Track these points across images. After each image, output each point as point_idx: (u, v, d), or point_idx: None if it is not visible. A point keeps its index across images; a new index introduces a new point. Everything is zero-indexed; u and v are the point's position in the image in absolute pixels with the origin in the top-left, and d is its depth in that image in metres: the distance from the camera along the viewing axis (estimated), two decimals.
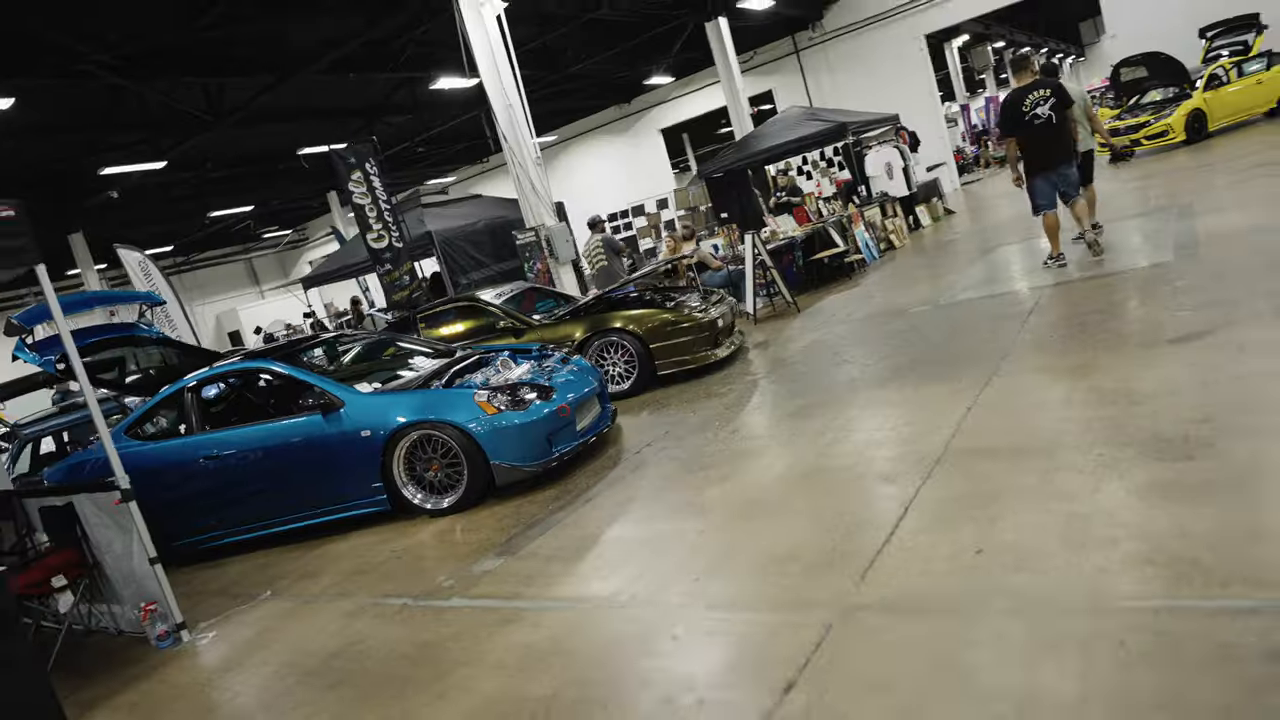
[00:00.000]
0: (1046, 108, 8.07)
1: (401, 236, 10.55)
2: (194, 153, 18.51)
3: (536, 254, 13.00)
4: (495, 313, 8.84)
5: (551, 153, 28.34)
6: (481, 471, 5.93)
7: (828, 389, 6.46)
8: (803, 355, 7.92)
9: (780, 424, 5.87)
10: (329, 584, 5.40)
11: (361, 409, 6.20)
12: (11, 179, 16.82)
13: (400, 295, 10.43)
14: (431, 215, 13.67)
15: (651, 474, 5.64)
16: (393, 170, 27.74)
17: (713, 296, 9.17)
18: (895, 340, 7.38)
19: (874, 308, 9.22)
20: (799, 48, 22.29)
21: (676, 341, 8.14)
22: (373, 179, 10.29)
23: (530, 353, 7.39)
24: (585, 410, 6.55)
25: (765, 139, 15.36)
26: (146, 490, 6.81)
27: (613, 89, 24.87)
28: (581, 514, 5.23)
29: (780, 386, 7.01)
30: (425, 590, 4.74)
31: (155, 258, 30.82)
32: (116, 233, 24.41)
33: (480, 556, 5.02)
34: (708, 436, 6.07)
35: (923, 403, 5.43)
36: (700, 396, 7.42)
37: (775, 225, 12.41)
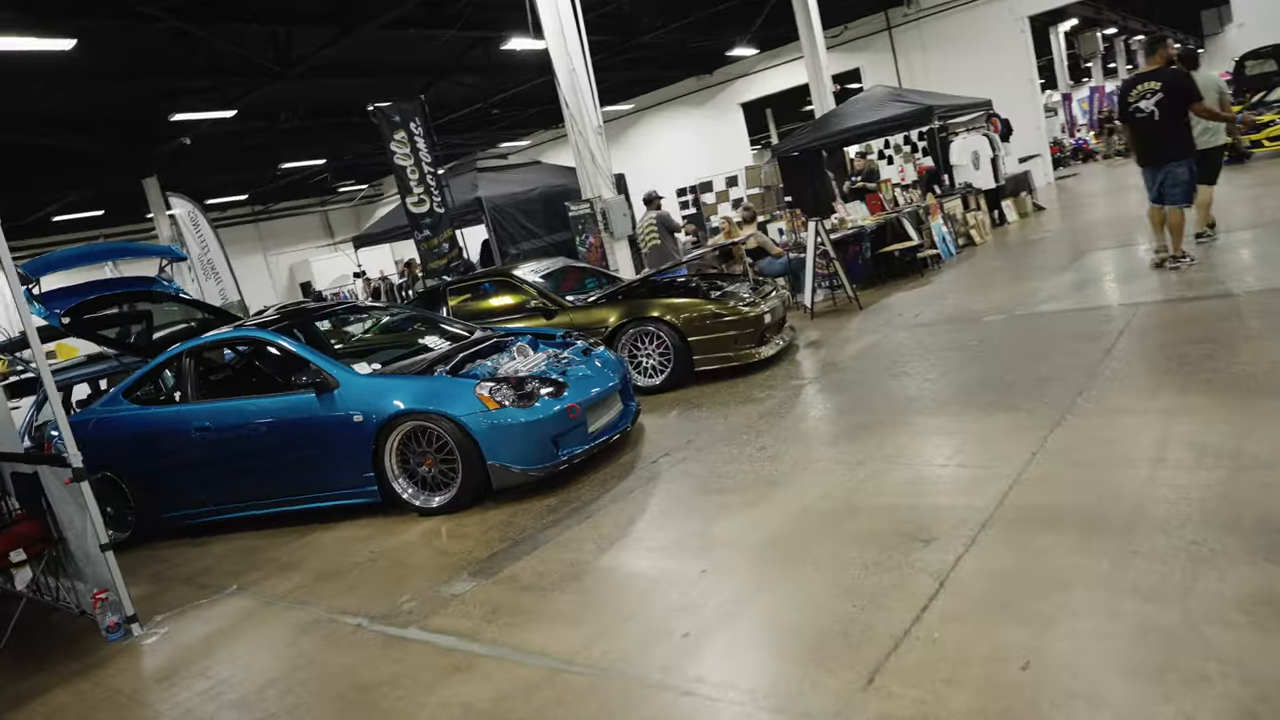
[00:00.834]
0: (1151, 102, 7.32)
1: (444, 202, 10.02)
2: (266, 103, 18.36)
3: (590, 227, 12.38)
4: (528, 291, 8.24)
5: (626, 122, 27.62)
6: (477, 471, 5.36)
7: (878, 406, 5.69)
8: (857, 361, 7.13)
9: (817, 445, 5.14)
10: (296, 585, 4.91)
11: (356, 391, 5.68)
12: (84, 122, 16.90)
13: (437, 264, 9.94)
14: (485, 180, 13.15)
15: (663, 491, 4.99)
16: (465, 131, 27.59)
17: (765, 288, 8.41)
18: (961, 353, 6.54)
19: (943, 312, 8.34)
20: (891, 24, 21.02)
21: (718, 336, 7.43)
22: (417, 140, 9.78)
23: (554, 339, 6.78)
24: (602, 410, 5.92)
25: (845, 118, 14.40)
26: (140, 457, 6.49)
27: (692, 59, 23.95)
28: (576, 533, 4.62)
29: (825, 398, 6.26)
30: (385, 612, 4.20)
31: (228, 206, 31.33)
32: (189, 179, 24.69)
33: (454, 574, 4.45)
34: (733, 451, 5.38)
35: (983, 437, 4.63)
36: (736, 400, 6.71)
37: (844, 212, 11.52)
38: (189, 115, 17.53)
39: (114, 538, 6.59)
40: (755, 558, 3.80)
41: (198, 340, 6.50)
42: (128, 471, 6.49)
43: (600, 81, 23.77)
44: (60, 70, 13.25)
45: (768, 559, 3.75)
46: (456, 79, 21.38)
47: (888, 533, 3.68)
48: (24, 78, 13.32)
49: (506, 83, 22.10)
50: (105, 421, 6.60)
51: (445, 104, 23.41)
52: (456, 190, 13.23)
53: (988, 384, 5.57)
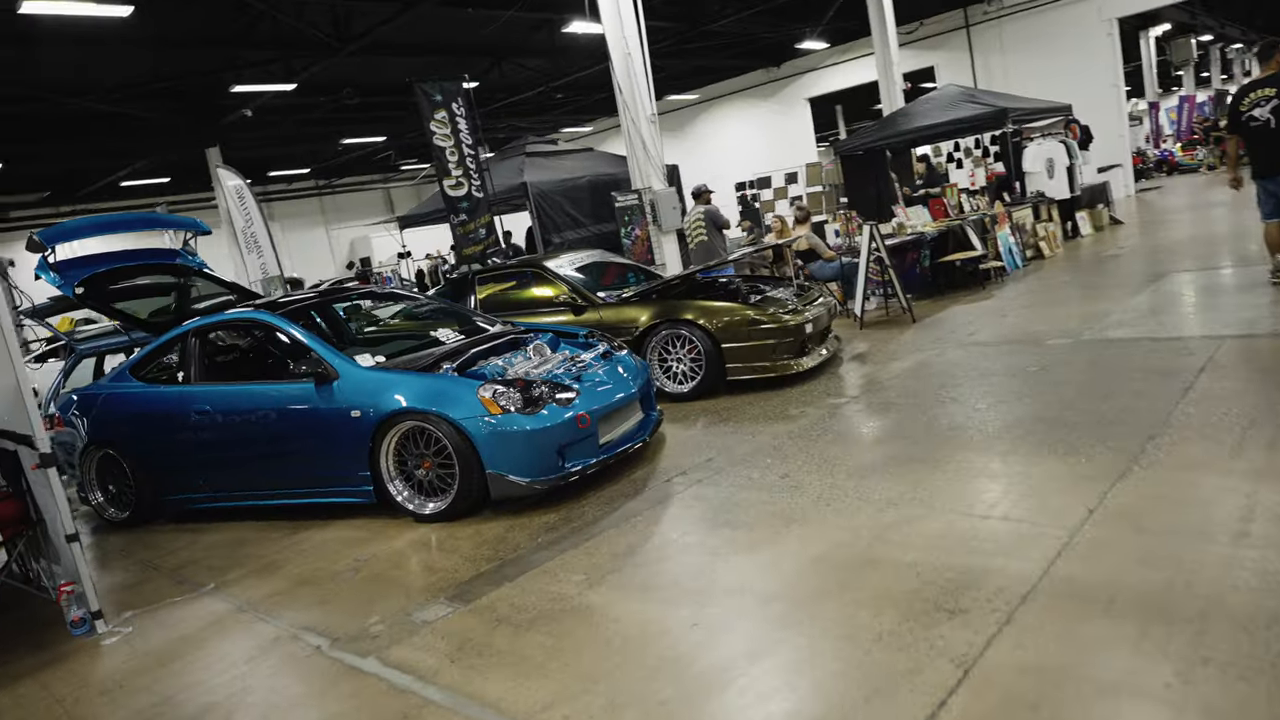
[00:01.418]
0: (1266, 109, 6.80)
1: (483, 186, 9.66)
2: (328, 78, 18.30)
3: (637, 219, 11.94)
4: (558, 284, 7.83)
5: (689, 113, 27.06)
6: (475, 479, 4.97)
7: (918, 436, 5.14)
8: (902, 381, 6.57)
9: (845, 477, 4.62)
10: (272, 591, 4.58)
11: (355, 385, 5.34)
12: (149, 90, 17.01)
13: (472, 249, 9.60)
14: (533, 165, 12.78)
15: (670, 517, 4.53)
16: (527, 115, 27.34)
17: (811, 294, 7.87)
18: (1018, 380, 5.94)
19: (1003, 331, 7.70)
20: (970, 22, 20.09)
21: (754, 344, 6.92)
22: (458, 120, 9.43)
23: (576, 338, 6.36)
24: (617, 420, 5.48)
25: (913, 118, 13.68)
26: (140, 437, 6.26)
27: (760, 51, 23.28)
28: (569, 559, 4.19)
29: (863, 421, 5.72)
30: (351, 633, 3.83)
31: (293, 179, 31.60)
32: (252, 151, 24.92)
33: (432, 596, 4.06)
34: (754, 476, 4.90)
35: (1033, 484, 4.07)
36: (766, 416, 6.21)
37: (905, 216, 10.87)
38: (250, 87, 17.54)
39: (113, 516, 6.49)
40: (756, 613, 3.32)
41: (202, 320, 6.24)
42: (129, 450, 6.27)
43: (663, 70, 23.35)
44: (122, 37, 13.25)
45: (769, 616, 3.27)
46: (519, 61, 21.10)
47: (910, 596, 3.17)
48: (89, 45, 13.37)
49: (570, 67, 21.78)
50: (111, 398, 6.40)
51: (508, 87, 23.19)
52: (502, 174, 12.90)
53: (1044, 419, 4.98)
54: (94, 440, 6.44)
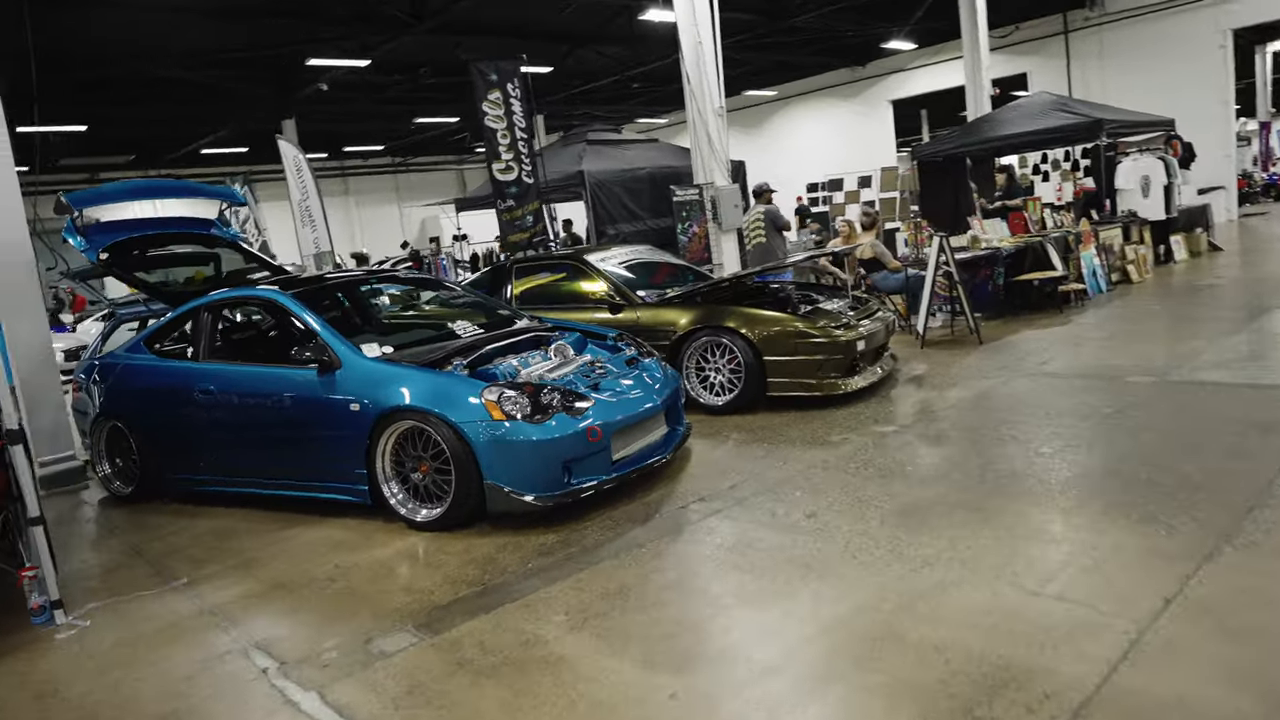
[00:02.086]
0: None
1: (534, 172, 9.27)
2: (404, 56, 18.20)
3: (695, 215, 11.43)
4: (597, 280, 7.37)
5: (767, 109, 26.38)
6: (472, 489, 4.55)
7: (970, 479, 4.54)
8: (960, 412, 5.95)
9: (879, 523, 4.06)
10: (242, 594, 4.24)
11: (358, 376, 4.96)
12: (228, 59, 17.12)
13: (518, 237, 9.21)
14: (593, 154, 12.35)
15: (675, 554, 4.04)
16: (603, 103, 26.98)
17: (868, 307, 7.26)
18: (1091, 423, 5.27)
19: (1078, 362, 6.98)
20: (1069, 27, 18.96)
21: (799, 359, 6.37)
22: (512, 102, 9.04)
23: (605, 340, 5.90)
24: (635, 434, 5.00)
25: (999, 125, 12.83)
26: (146, 412, 6.01)
27: (844, 49, 22.46)
28: (554, 593, 3.74)
29: (909, 456, 5.13)
30: (301, 656, 3.44)
31: (368, 155, 31.83)
32: (327, 125, 25.07)
33: (400, 621, 3.65)
34: (778, 511, 4.37)
35: (1098, 557, 3.46)
36: (804, 439, 5.66)
37: (980, 229, 10.12)
38: (325, 61, 17.52)
39: (118, 490, 6.27)
40: (747, 690, 2.81)
41: (215, 296, 5.95)
42: (135, 424, 6.04)
43: (743, 64, 22.70)
44: (201, 5, 13.27)
45: (761, 698, 2.76)
46: (597, 48, 20.72)
47: (935, 690, 2.63)
48: (171, 11, 13.40)
49: (647, 56, 21.30)
50: (125, 369, 6.17)
51: (584, 73, 22.86)
52: (560, 161, 12.51)
53: (1118, 474, 4.34)
54: (104, 411, 6.23)
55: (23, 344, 7.01)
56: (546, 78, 23.07)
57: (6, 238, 6.82)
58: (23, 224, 6.98)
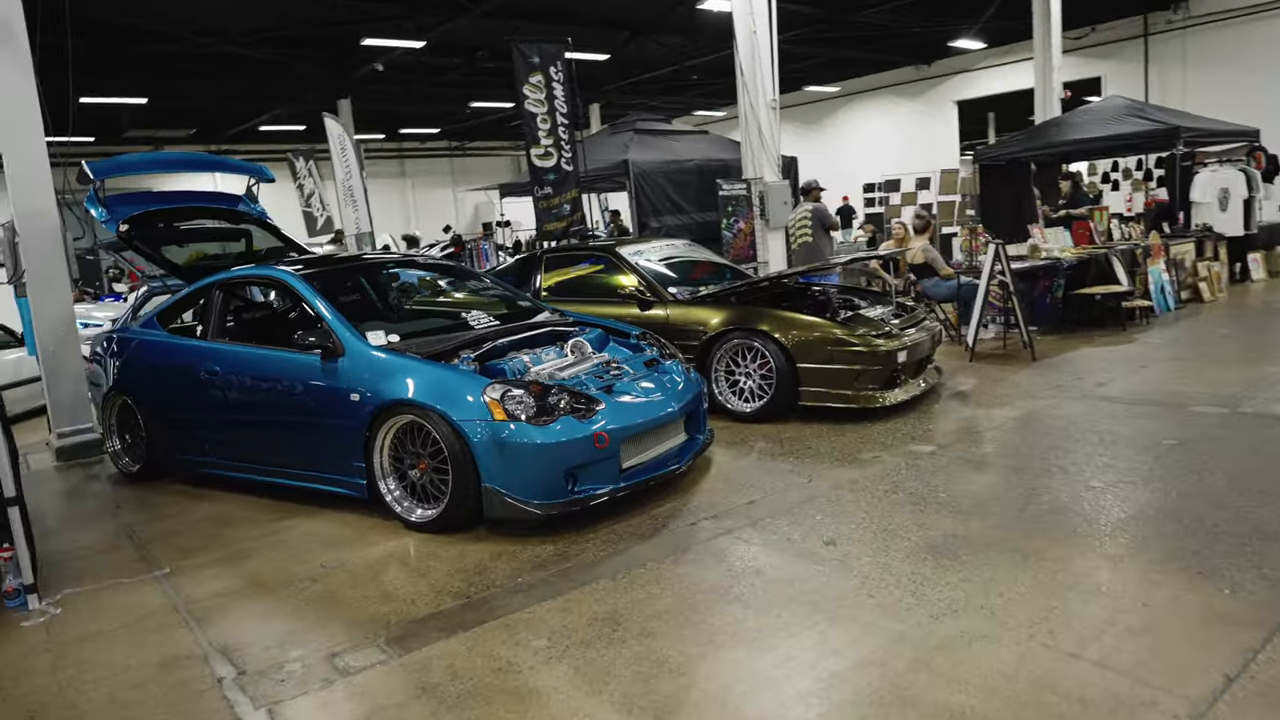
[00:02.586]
0: None
1: (574, 159, 8.97)
2: (461, 38, 18.08)
3: (742, 211, 11.05)
4: (629, 274, 7.05)
5: (828, 106, 25.75)
6: (470, 491, 4.28)
7: (1009, 513, 4.13)
8: (1005, 434, 5.51)
9: (902, 559, 3.68)
10: (221, 589, 4.03)
11: (360, 365, 4.72)
12: (285, 37, 17.13)
13: (554, 226, 8.93)
14: (640, 143, 12.02)
15: (676, 578, 3.70)
16: (661, 94, 26.61)
17: (914, 315, 6.83)
18: (1149, 456, 4.80)
19: (1139, 386, 6.47)
20: (1149, 30, 18.05)
21: (835, 368, 5.98)
22: (554, 86, 8.75)
23: (628, 338, 5.58)
24: (650, 441, 4.68)
25: (1068, 129, 12.21)
26: (154, 389, 5.86)
27: (910, 46, 21.75)
28: (539, 614, 3.44)
29: (945, 481, 4.71)
30: (264, 667, 3.19)
31: (426, 138, 31.88)
32: (382, 106, 25.11)
33: (374, 634, 3.39)
34: (793, 538, 4.01)
35: (1150, 616, 3.04)
36: (833, 455, 5.28)
37: (1041, 238, 9.56)
38: (380, 41, 17.45)
39: (126, 467, 6.14)
40: None
41: (226, 274, 5.77)
42: (144, 401, 5.90)
43: (805, 58, 22.11)
44: None
45: None
46: (656, 37, 20.36)
47: None
48: None
49: (706, 48, 20.89)
50: (138, 344, 6.03)
51: (643, 63, 22.53)
52: (605, 150, 12.21)
53: (1178, 518, 3.89)
54: (115, 386, 6.11)
55: (45, 315, 6.94)
56: (603, 66, 22.79)
57: (33, 206, 6.74)
58: (50, 193, 6.89)
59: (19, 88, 6.63)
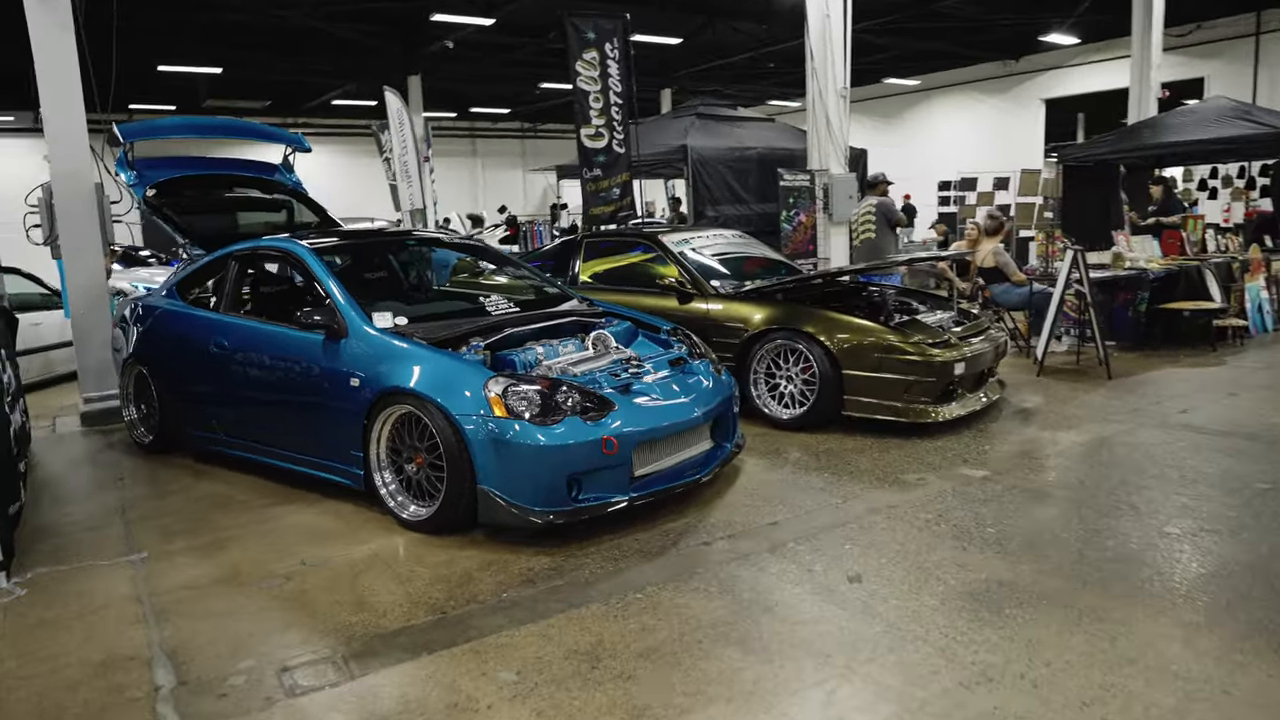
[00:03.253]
0: None
1: (625, 141, 8.57)
2: (530, 18, 17.83)
3: (803, 204, 10.50)
4: (669, 263, 6.62)
5: (907, 100, 24.84)
6: (464, 491, 3.93)
7: (1066, 558, 3.61)
8: (1070, 462, 4.94)
9: (934, 607, 3.20)
10: (190, 581, 3.76)
11: (361, 348, 4.41)
12: (357, 11, 17.09)
13: (601, 210, 8.54)
14: (701, 128, 11.54)
15: (674, 608, 3.29)
16: (735, 82, 26.00)
17: (976, 324, 6.27)
18: (1238, 500, 4.21)
19: (1228, 415, 5.81)
20: (1262, 28, 16.83)
21: (883, 377, 5.48)
22: (609, 64, 8.34)
23: (658, 332, 5.17)
24: (668, 448, 4.26)
25: (1164, 131, 11.31)
26: (167, 360, 5.65)
27: (997, 40, 20.74)
28: (516, 639, 3.06)
29: (995, 515, 4.19)
30: (206, 680, 2.89)
31: (498, 118, 31.78)
32: (452, 84, 25.03)
33: (332, 649, 3.06)
34: (815, 569, 3.56)
35: (1233, 711, 2.52)
36: (873, 473, 4.80)
37: (1126, 246, 8.82)
38: (450, 17, 17.29)
39: (140, 438, 5.98)
40: None
41: (240, 245, 5.53)
42: (157, 372, 5.72)
43: (885, 49, 21.24)
44: None
45: None
46: (733, 23, 19.83)
47: None
48: None
49: (784, 35, 20.24)
50: (156, 314, 5.83)
51: (719, 49, 22.02)
52: (666, 134, 11.76)
53: (1270, 580, 3.32)
54: (133, 355, 5.94)
55: (77, 277, 6.84)
56: (675, 50, 22.30)
57: (69, 167, 6.62)
58: (86, 156, 6.76)
59: (59, 47, 6.50)
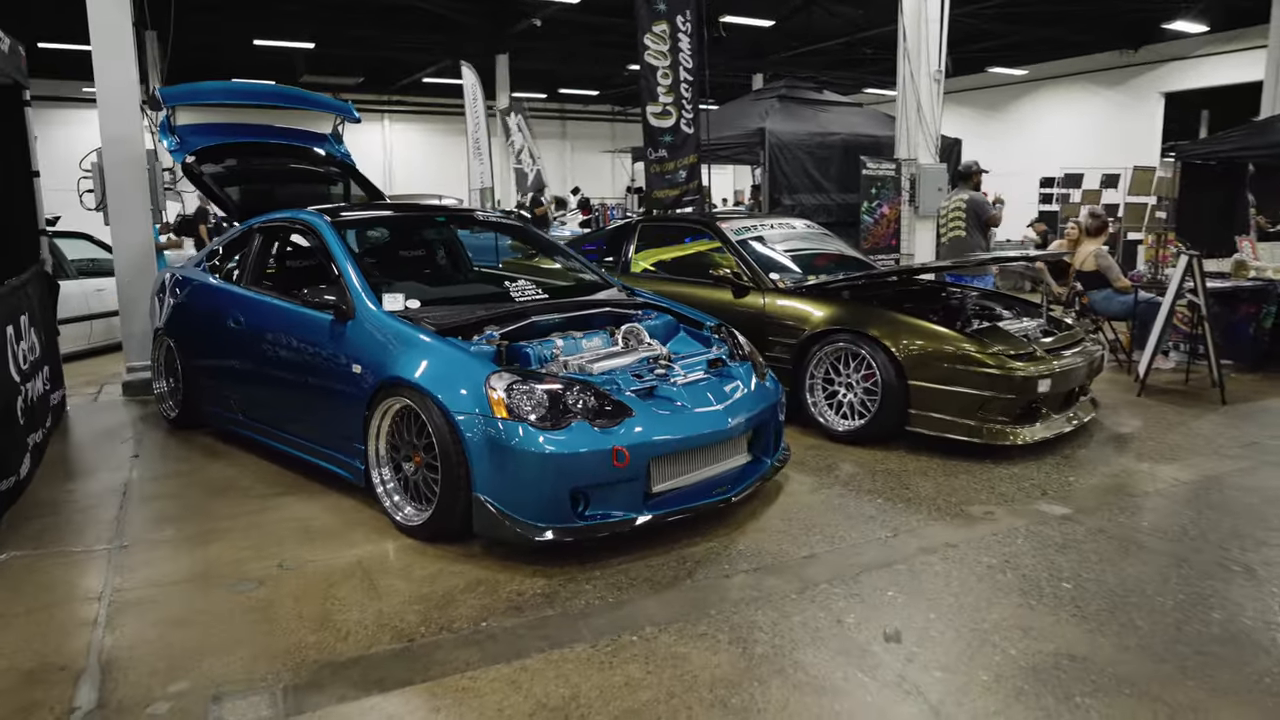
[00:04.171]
0: None
1: (694, 121, 8.03)
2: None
3: (887, 195, 9.80)
4: (725, 253, 6.09)
5: (1013, 91, 23.50)
6: (459, 496, 3.51)
7: (1157, 635, 2.97)
8: (1172, 504, 4.24)
9: (986, 686, 2.63)
10: (162, 576, 3.46)
11: (366, 331, 4.05)
12: None
13: (665, 194, 8.02)
14: (780, 112, 10.89)
15: (672, 661, 2.79)
16: (830, 69, 25.06)
17: (1070, 334, 5.56)
18: None
19: None
20: None
21: (955, 390, 4.84)
22: (680, 38, 7.81)
23: (702, 328, 4.66)
24: (694, 461, 3.75)
25: None
26: (191, 334, 5.43)
27: (1115, 27, 19.32)
28: (475, 686, 2.62)
29: (1074, 567, 3.55)
30: (128, 701, 2.55)
31: (585, 100, 31.50)
32: (540, 64, 24.82)
33: (276, 675, 2.68)
34: (845, 621, 3.02)
35: None
36: (933, 503, 4.19)
37: (1251, 254, 7.85)
38: None
39: (166, 412, 5.79)
40: None
41: (264, 217, 5.24)
42: (182, 346, 5.51)
43: (992, 36, 20.02)
44: None
45: None
46: (830, 6, 19.04)
47: None
48: None
49: (884, 20, 19.32)
50: (184, 286, 5.62)
51: (815, 34, 21.25)
52: (744, 117, 11.16)
53: None
54: (163, 327, 5.75)
55: (124, 244, 6.73)
56: (768, 34, 21.56)
57: (118, 131, 6.48)
58: (137, 120, 6.63)
59: (112, 9, 6.36)
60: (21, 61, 5.93)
